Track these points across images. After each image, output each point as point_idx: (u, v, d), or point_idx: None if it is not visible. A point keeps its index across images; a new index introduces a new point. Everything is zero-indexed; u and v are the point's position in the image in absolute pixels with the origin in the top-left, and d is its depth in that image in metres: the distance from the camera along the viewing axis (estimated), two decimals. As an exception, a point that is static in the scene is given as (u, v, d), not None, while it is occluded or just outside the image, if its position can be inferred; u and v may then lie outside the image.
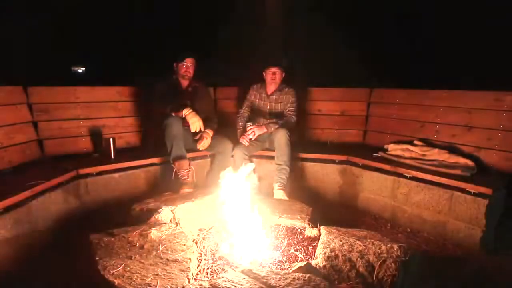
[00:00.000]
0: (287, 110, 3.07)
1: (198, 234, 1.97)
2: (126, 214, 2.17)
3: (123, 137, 3.11)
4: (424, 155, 2.65)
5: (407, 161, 2.63)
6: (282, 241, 1.88)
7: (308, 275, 1.36)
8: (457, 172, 2.34)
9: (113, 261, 1.50)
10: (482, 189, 2.15)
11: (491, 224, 2.26)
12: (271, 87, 3.11)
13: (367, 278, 1.45)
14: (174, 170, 2.64)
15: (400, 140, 3.00)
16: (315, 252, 1.72)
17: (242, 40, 5.21)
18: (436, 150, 2.63)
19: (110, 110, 3.06)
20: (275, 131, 2.88)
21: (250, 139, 2.92)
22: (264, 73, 3.08)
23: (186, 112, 2.70)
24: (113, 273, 1.42)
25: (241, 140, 2.95)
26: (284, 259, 1.72)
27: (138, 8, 6.14)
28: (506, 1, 4.02)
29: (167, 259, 1.56)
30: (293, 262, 1.68)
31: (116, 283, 1.37)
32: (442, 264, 1.98)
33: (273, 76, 3.02)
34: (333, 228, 1.86)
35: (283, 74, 3.07)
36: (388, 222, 2.61)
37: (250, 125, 2.92)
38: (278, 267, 1.65)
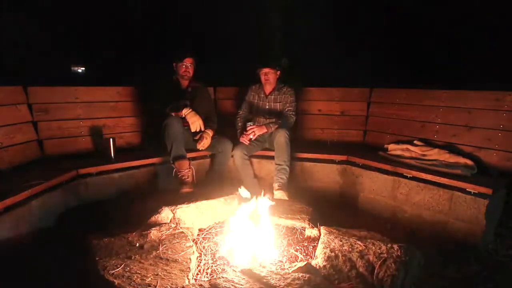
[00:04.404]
0: (286, 109, 3.07)
1: (198, 234, 1.97)
2: (126, 214, 2.17)
3: (123, 137, 3.11)
4: (424, 155, 2.65)
5: (407, 161, 2.63)
6: (282, 241, 1.88)
7: (308, 275, 1.36)
8: (457, 172, 2.34)
9: (113, 261, 1.50)
10: (482, 189, 2.15)
11: (491, 224, 2.26)
12: (267, 87, 3.12)
13: (367, 278, 1.45)
14: (174, 170, 2.64)
15: (400, 140, 3.00)
16: (315, 252, 1.72)
17: (242, 40, 5.22)
18: (436, 150, 2.63)
19: (110, 110, 3.05)
20: (275, 131, 2.88)
21: (250, 139, 2.92)
22: (258, 74, 3.09)
23: (185, 112, 2.70)
24: (113, 273, 1.42)
25: (241, 139, 2.95)
26: (284, 259, 1.72)
27: (138, 7, 6.14)
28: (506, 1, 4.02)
29: (167, 259, 1.56)
30: (293, 262, 1.68)
31: (116, 283, 1.37)
32: (442, 264, 1.98)
33: (266, 76, 3.03)
34: (333, 228, 1.86)
35: (278, 73, 3.07)
36: (388, 222, 2.61)
37: (251, 125, 2.93)
38: (278, 267, 1.65)
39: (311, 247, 1.82)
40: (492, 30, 4.32)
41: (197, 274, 1.59)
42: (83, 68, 7.47)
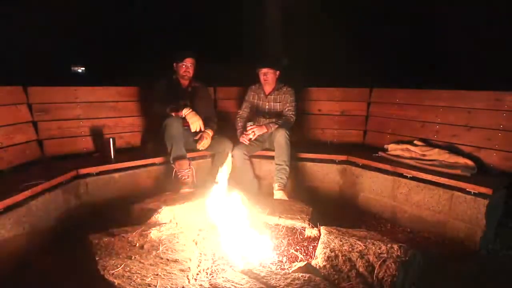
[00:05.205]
0: (286, 109, 3.07)
1: (198, 234, 1.97)
2: (126, 214, 2.17)
3: (123, 137, 3.11)
4: (424, 155, 2.65)
5: (407, 161, 2.62)
6: (282, 241, 1.88)
7: (308, 275, 1.36)
8: (457, 172, 2.34)
9: (113, 261, 1.50)
10: (482, 189, 2.15)
11: (491, 224, 2.26)
12: (267, 87, 3.12)
13: (367, 278, 1.45)
14: (174, 170, 2.64)
15: (400, 140, 2.99)
16: (315, 252, 1.72)
17: (242, 40, 5.22)
18: (436, 150, 2.63)
19: (110, 110, 3.05)
20: (274, 131, 2.88)
21: (250, 138, 2.92)
22: (258, 74, 3.09)
23: (185, 112, 2.70)
24: (113, 273, 1.42)
25: (241, 139, 2.95)
26: (284, 259, 1.72)
27: (138, 8, 6.14)
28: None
29: (167, 259, 1.56)
30: (293, 262, 1.68)
31: (116, 283, 1.37)
32: (442, 264, 1.98)
33: (265, 77, 3.03)
34: (333, 228, 1.86)
35: (277, 73, 3.07)
36: (388, 222, 2.61)
37: (251, 125, 2.93)
38: (278, 267, 1.65)
39: (311, 247, 1.82)
40: (493, 30, 4.33)
41: (197, 274, 1.58)
42: (83, 68, 7.47)
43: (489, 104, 2.56)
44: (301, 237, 1.93)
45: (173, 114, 2.69)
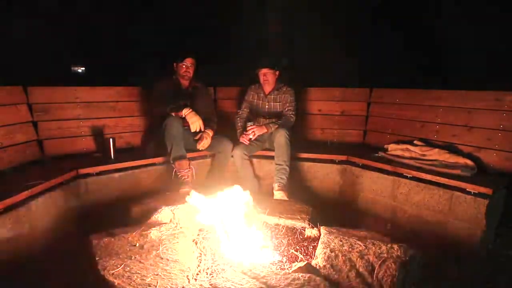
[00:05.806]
0: (286, 109, 3.07)
1: (198, 234, 1.96)
2: (126, 214, 2.17)
3: (123, 137, 3.11)
4: (424, 155, 2.65)
5: (407, 161, 2.63)
6: (282, 241, 1.88)
7: (308, 275, 1.36)
8: (457, 172, 2.34)
9: (113, 261, 1.51)
10: (482, 189, 2.15)
11: (491, 224, 2.26)
12: (267, 87, 3.12)
13: (367, 278, 1.45)
14: (174, 170, 2.64)
15: (400, 140, 2.99)
16: (315, 252, 1.72)
17: (242, 40, 5.22)
18: (436, 150, 2.63)
19: (110, 110, 3.06)
20: (274, 131, 2.88)
21: (250, 139, 2.92)
22: (257, 75, 3.09)
23: (186, 112, 2.70)
24: (113, 273, 1.42)
25: (241, 139, 2.95)
26: (284, 259, 1.72)
27: (138, 8, 6.14)
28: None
29: (167, 259, 1.56)
30: (293, 262, 1.68)
31: (116, 283, 1.37)
32: (442, 264, 1.98)
33: (264, 77, 3.03)
34: (333, 228, 1.86)
35: (277, 73, 3.07)
36: (388, 222, 2.61)
37: (251, 125, 2.93)
38: (278, 267, 1.65)
39: (311, 247, 1.82)
40: (493, 30, 4.32)
41: (197, 274, 1.58)
42: (83, 68, 7.46)
43: (489, 104, 2.56)
44: (301, 237, 1.93)
45: (173, 114, 2.69)
